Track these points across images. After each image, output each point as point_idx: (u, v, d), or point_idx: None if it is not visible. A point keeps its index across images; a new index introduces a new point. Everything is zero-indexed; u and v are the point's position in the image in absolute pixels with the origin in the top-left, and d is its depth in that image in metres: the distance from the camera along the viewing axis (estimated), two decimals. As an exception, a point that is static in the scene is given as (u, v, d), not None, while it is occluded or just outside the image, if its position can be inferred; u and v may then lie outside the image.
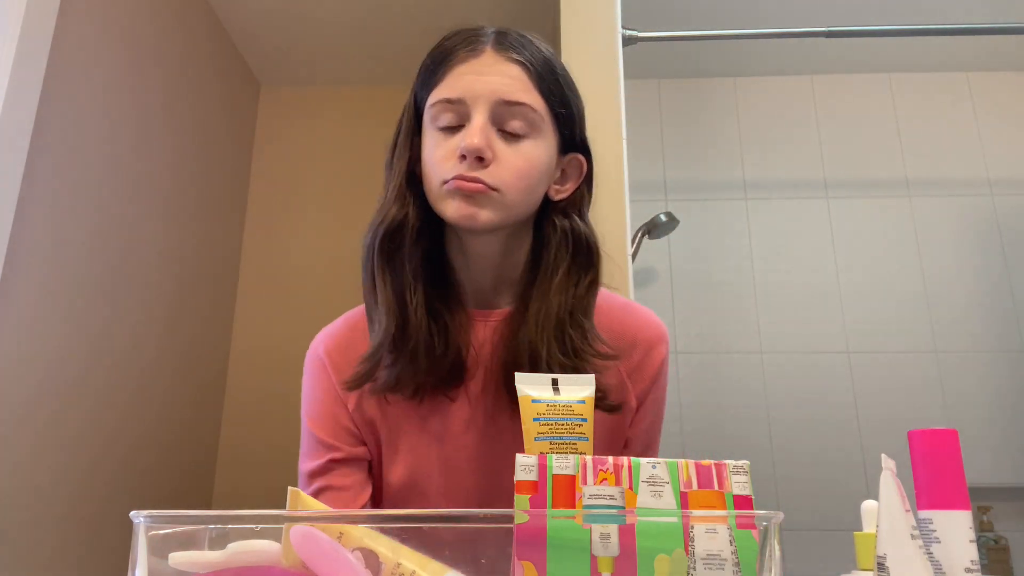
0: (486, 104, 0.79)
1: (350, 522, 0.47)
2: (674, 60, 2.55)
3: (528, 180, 0.81)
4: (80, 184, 1.64)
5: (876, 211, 2.49)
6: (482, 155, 0.78)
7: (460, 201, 0.79)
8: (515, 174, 0.79)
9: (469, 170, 0.78)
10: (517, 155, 0.80)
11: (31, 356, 1.48)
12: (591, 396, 0.58)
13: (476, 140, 0.77)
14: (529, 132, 0.81)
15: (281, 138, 2.63)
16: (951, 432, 0.55)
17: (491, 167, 0.79)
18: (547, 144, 0.83)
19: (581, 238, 0.86)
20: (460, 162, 0.78)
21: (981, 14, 2.20)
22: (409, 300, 0.82)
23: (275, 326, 2.41)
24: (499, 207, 0.79)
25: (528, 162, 0.81)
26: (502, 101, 0.79)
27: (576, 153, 0.88)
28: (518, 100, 0.80)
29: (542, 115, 0.82)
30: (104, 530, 1.66)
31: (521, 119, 0.80)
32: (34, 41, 1.47)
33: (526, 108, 0.80)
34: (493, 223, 0.80)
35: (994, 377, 2.31)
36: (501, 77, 0.80)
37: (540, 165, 0.82)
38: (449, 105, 0.81)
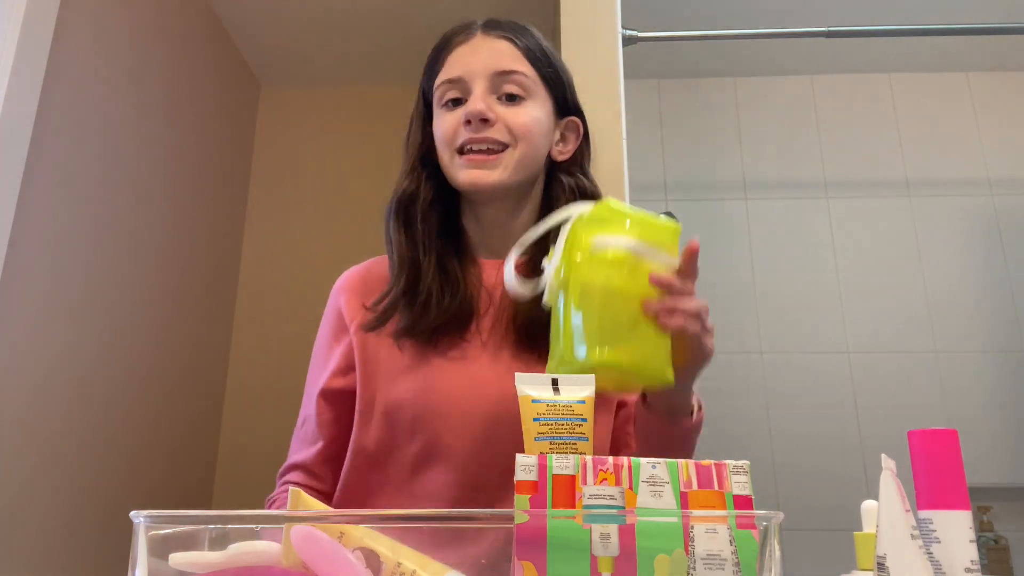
0: (483, 76, 0.90)
1: (350, 522, 0.47)
2: (674, 60, 2.55)
3: (531, 134, 0.90)
4: (80, 184, 1.64)
5: (876, 211, 2.49)
6: (485, 116, 0.88)
7: (470, 170, 0.89)
8: (520, 128, 0.89)
9: (476, 132, 0.88)
10: (518, 113, 0.90)
11: (31, 357, 1.48)
12: (591, 396, 0.58)
13: (478, 105, 0.88)
14: (525, 94, 0.91)
15: (281, 138, 2.63)
16: (951, 432, 0.55)
17: (495, 127, 0.89)
18: (543, 105, 0.93)
19: (587, 193, 0.94)
20: (466, 128, 0.88)
21: (981, 14, 2.20)
22: (421, 259, 0.91)
23: (275, 326, 2.41)
24: (508, 166, 0.89)
25: (529, 117, 0.90)
26: (496, 72, 0.90)
27: (571, 116, 0.98)
28: (510, 68, 0.90)
29: (534, 80, 0.92)
30: (104, 530, 1.66)
31: (515, 84, 0.90)
32: (34, 41, 1.47)
33: (518, 75, 0.91)
34: (503, 183, 0.89)
35: (994, 377, 2.31)
36: (492, 52, 0.91)
37: (540, 122, 0.92)
38: (451, 84, 0.91)
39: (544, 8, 1.98)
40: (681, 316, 0.70)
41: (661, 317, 0.69)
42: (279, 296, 2.46)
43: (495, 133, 0.89)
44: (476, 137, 0.88)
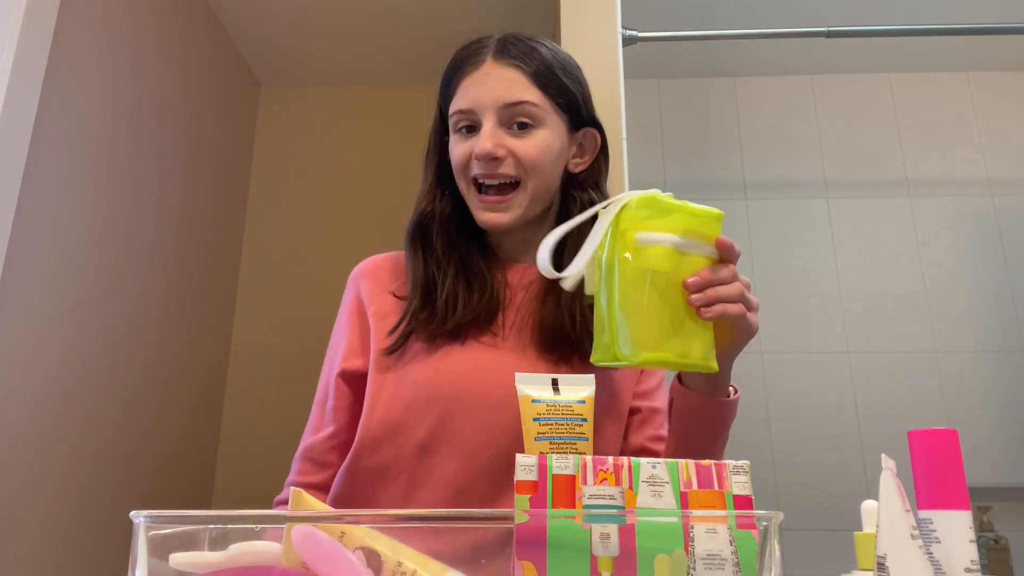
0: (492, 110, 0.92)
1: (351, 522, 0.47)
2: (674, 60, 2.55)
3: (544, 162, 0.93)
4: (80, 184, 1.64)
5: (876, 211, 2.49)
6: (495, 156, 0.90)
7: (485, 212, 0.93)
8: (530, 160, 0.92)
9: (486, 171, 0.91)
10: (528, 144, 0.92)
11: (31, 357, 1.48)
12: (591, 396, 0.58)
13: (487, 145, 0.90)
14: (535, 123, 0.92)
15: (281, 138, 2.63)
16: (951, 432, 0.55)
17: (506, 161, 0.91)
18: (555, 129, 0.94)
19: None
20: (477, 162, 0.92)
21: (981, 14, 2.20)
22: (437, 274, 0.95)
23: (275, 326, 2.41)
24: (522, 204, 0.93)
25: (538, 148, 0.92)
26: (504, 104, 0.91)
27: (588, 128, 0.99)
28: (518, 100, 0.92)
29: (543, 107, 0.93)
30: (104, 530, 1.66)
31: (524, 115, 0.92)
32: (34, 42, 1.47)
33: (527, 105, 0.92)
34: (518, 222, 0.93)
35: (994, 377, 2.31)
36: (500, 82, 0.93)
37: (551, 148, 0.94)
38: (463, 115, 0.94)
39: (544, 8, 1.98)
40: (720, 305, 0.72)
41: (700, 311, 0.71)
42: (279, 296, 2.46)
43: (505, 168, 0.91)
44: (486, 173, 0.92)
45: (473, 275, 0.95)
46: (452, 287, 0.93)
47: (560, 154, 0.96)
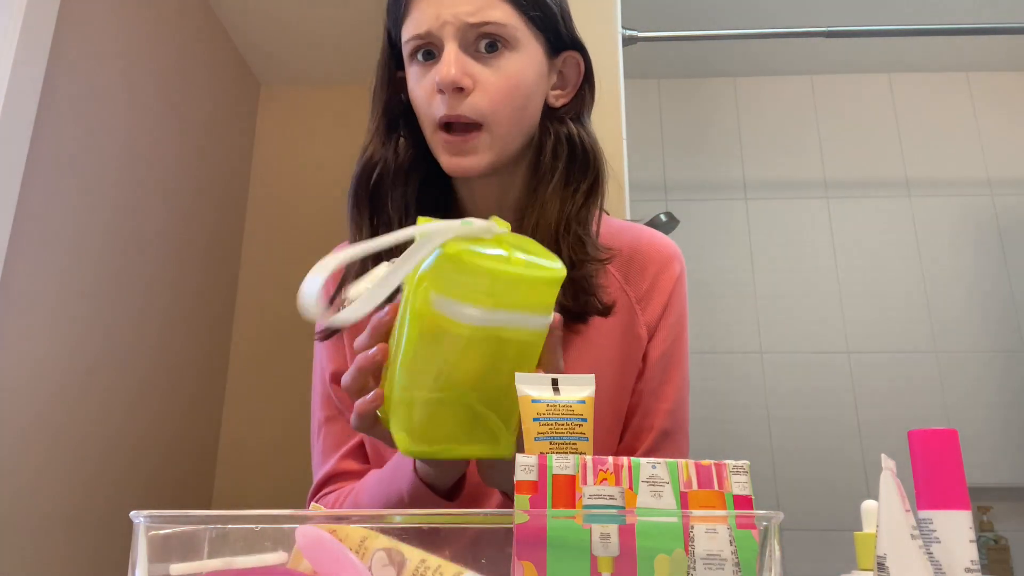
0: (453, 30, 0.76)
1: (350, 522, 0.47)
2: (674, 60, 2.55)
3: (515, 98, 0.77)
4: (79, 184, 1.64)
5: (876, 211, 2.49)
6: (460, 84, 0.74)
7: (451, 156, 0.77)
8: (500, 95, 0.76)
9: (450, 108, 0.75)
10: (498, 75, 0.76)
11: (31, 356, 1.48)
12: (591, 396, 0.58)
13: (449, 72, 0.74)
14: (506, 46, 0.77)
15: (281, 138, 2.63)
16: (951, 432, 0.55)
17: (473, 95, 0.75)
18: (529, 54, 0.79)
19: (577, 142, 0.82)
20: (441, 96, 0.76)
21: (981, 14, 2.20)
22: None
23: (275, 326, 2.41)
24: (490, 144, 0.77)
25: (510, 79, 0.77)
26: (468, 24, 0.75)
27: (569, 52, 0.84)
28: (485, 20, 0.76)
29: (516, 26, 0.77)
30: (104, 530, 1.66)
31: (493, 37, 0.76)
32: (34, 42, 1.47)
33: (495, 25, 0.76)
34: (491, 166, 0.78)
35: (994, 377, 2.31)
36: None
37: (526, 78, 0.78)
38: (420, 39, 0.78)
39: (544, 8, 1.98)
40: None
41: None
42: (279, 296, 2.45)
43: (469, 109, 0.75)
44: (452, 114, 0.75)
45: None
46: None
47: (537, 84, 0.80)
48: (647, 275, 0.85)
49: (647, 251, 0.86)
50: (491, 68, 0.76)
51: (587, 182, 0.81)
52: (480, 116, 0.76)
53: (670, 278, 0.86)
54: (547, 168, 0.81)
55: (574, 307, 0.78)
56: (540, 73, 0.80)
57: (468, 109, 0.75)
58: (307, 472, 0.87)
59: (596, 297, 0.79)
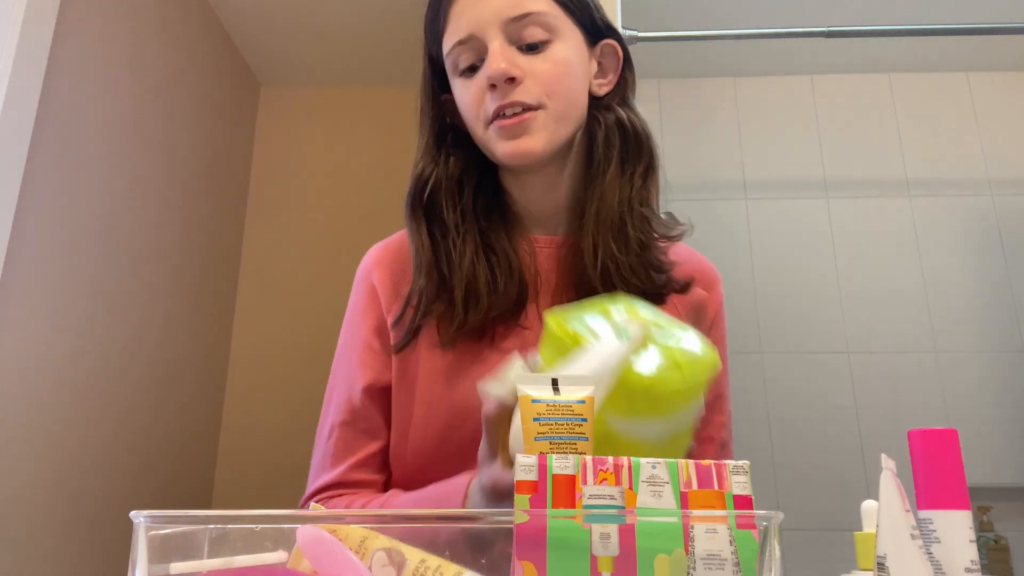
0: (496, 28, 0.76)
1: (350, 522, 0.47)
2: (674, 60, 2.55)
3: (566, 82, 0.78)
4: (80, 184, 1.64)
5: (876, 211, 2.49)
6: (511, 75, 0.75)
7: (507, 140, 0.77)
8: (551, 80, 0.77)
9: (504, 97, 0.75)
10: (546, 62, 0.77)
11: (31, 356, 1.48)
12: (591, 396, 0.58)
13: (500, 64, 0.75)
14: (549, 37, 0.78)
15: (281, 138, 2.63)
16: (951, 432, 0.55)
17: (524, 84, 0.76)
18: (573, 42, 0.80)
19: (628, 126, 0.82)
20: (492, 93, 0.76)
21: (981, 14, 2.20)
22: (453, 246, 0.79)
23: (275, 326, 2.41)
24: (547, 126, 0.77)
25: (559, 65, 0.78)
26: (510, 19, 0.76)
27: (606, 39, 0.85)
28: (525, 11, 0.77)
29: (555, 15, 0.78)
30: (104, 530, 1.66)
31: (536, 27, 0.77)
32: (34, 42, 1.47)
33: (535, 15, 0.77)
34: (548, 148, 0.77)
35: (994, 377, 2.31)
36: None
37: (573, 64, 0.79)
38: (462, 46, 0.78)
39: (544, 8, 1.98)
40: None
41: None
42: (279, 296, 2.46)
43: (525, 95, 0.75)
44: (506, 103, 0.75)
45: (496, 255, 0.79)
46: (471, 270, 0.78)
47: (583, 72, 0.81)
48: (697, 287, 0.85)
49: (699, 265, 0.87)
50: (539, 59, 0.77)
51: (643, 164, 0.82)
52: (535, 99, 0.76)
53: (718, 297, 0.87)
54: (601, 158, 0.81)
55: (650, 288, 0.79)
56: (584, 60, 0.81)
57: (521, 94, 0.75)
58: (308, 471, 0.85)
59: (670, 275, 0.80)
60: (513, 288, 0.79)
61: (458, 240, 0.79)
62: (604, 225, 0.79)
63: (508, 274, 0.79)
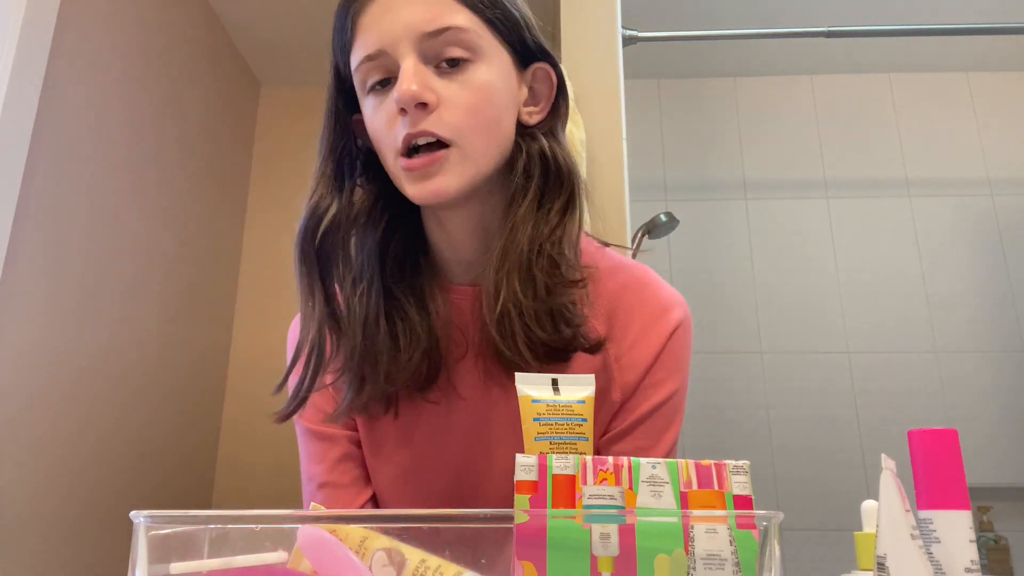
0: (409, 43, 0.66)
1: (352, 523, 0.47)
2: (674, 60, 2.55)
3: (486, 111, 0.68)
4: (80, 184, 1.64)
5: (876, 211, 2.49)
6: (422, 99, 0.65)
7: (418, 181, 0.67)
8: (468, 111, 0.66)
9: (414, 125, 0.65)
10: (464, 88, 0.67)
11: (31, 356, 1.48)
12: (591, 396, 0.58)
13: (410, 87, 0.64)
14: (471, 55, 0.67)
15: (281, 138, 2.63)
16: (951, 432, 0.55)
17: (438, 112, 0.66)
18: (497, 63, 0.69)
19: (549, 157, 0.72)
20: (403, 117, 0.66)
21: (981, 14, 2.20)
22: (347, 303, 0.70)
23: (275, 326, 2.41)
24: (462, 163, 0.67)
25: (479, 91, 0.67)
26: (424, 34, 0.66)
27: (538, 63, 0.74)
28: (442, 26, 0.66)
29: (478, 32, 0.68)
30: (104, 530, 1.66)
31: (454, 45, 0.67)
32: (34, 41, 1.47)
33: (455, 31, 0.66)
34: (463, 188, 0.67)
35: (994, 377, 2.31)
36: (414, 7, 0.66)
37: (496, 90, 0.69)
38: (371, 62, 0.68)
39: (544, 8, 1.98)
40: None
41: None
42: (279, 296, 2.45)
43: (438, 127, 0.65)
44: (416, 132, 0.65)
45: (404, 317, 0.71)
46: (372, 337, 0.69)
47: (508, 98, 0.70)
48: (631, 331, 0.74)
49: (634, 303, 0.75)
50: (457, 83, 0.67)
51: (561, 200, 0.71)
52: (448, 133, 0.66)
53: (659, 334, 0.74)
54: (519, 188, 0.71)
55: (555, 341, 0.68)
56: (510, 86, 0.71)
57: (434, 125, 0.65)
58: None
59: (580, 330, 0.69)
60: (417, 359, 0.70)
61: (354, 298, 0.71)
62: (510, 262, 0.68)
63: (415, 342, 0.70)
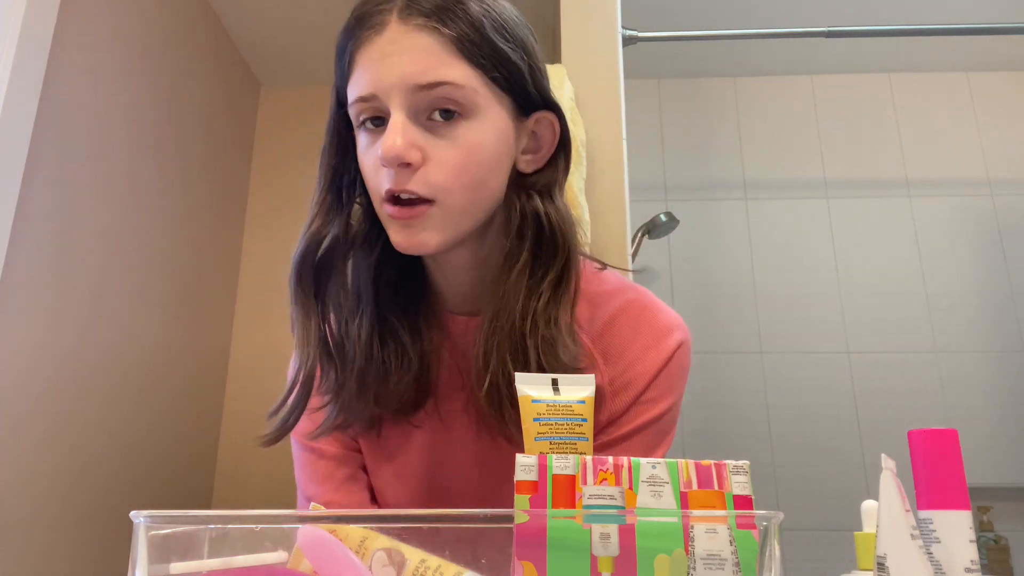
0: (400, 95, 0.65)
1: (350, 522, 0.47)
2: (674, 60, 2.55)
3: (472, 173, 0.67)
4: (80, 184, 1.64)
5: (876, 211, 2.49)
6: (406, 160, 0.65)
7: (400, 229, 0.67)
8: (452, 172, 0.66)
9: (396, 183, 0.65)
10: (452, 148, 0.66)
11: (31, 356, 1.48)
12: (591, 396, 0.58)
13: (395, 144, 0.64)
14: (462, 111, 0.66)
15: (281, 138, 2.63)
16: (951, 432, 0.55)
17: (423, 170, 0.65)
18: (492, 118, 0.68)
19: (544, 223, 0.70)
20: (388, 170, 0.67)
21: (981, 14, 2.20)
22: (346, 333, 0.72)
23: (275, 326, 2.41)
24: (443, 221, 0.67)
25: (468, 151, 0.66)
26: (417, 86, 0.65)
27: (543, 112, 0.73)
28: (436, 80, 0.65)
29: (474, 87, 0.66)
30: (104, 530, 1.66)
31: (447, 99, 0.66)
32: (34, 41, 1.47)
33: (448, 87, 0.65)
34: (444, 244, 0.67)
35: (994, 377, 2.31)
36: (410, 56, 0.65)
37: (486, 150, 0.68)
38: (364, 103, 0.69)
39: (544, 8, 1.98)
40: None
41: None
42: (279, 296, 2.45)
43: (420, 186, 0.65)
44: (397, 189, 0.66)
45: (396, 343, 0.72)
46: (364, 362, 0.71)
47: (501, 153, 0.69)
48: (628, 353, 0.74)
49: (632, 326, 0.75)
50: (446, 140, 0.66)
51: (554, 271, 0.70)
52: (430, 192, 0.66)
53: (659, 354, 0.74)
54: (513, 250, 0.70)
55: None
56: (505, 141, 0.70)
57: (416, 185, 0.65)
58: None
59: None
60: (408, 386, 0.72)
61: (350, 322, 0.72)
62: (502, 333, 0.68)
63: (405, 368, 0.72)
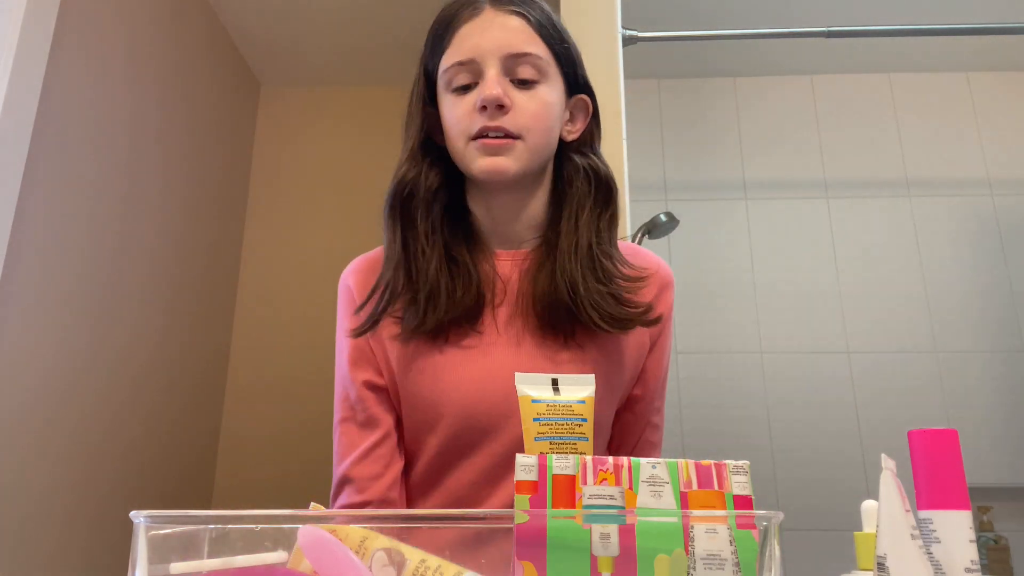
0: (495, 59, 0.84)
1: (350, 522, 0.47)
2: (674, 60, 2.55)
3: (546, 121, 0.86)
4: (80, 184, 1.64)
5: (876, 211, 2.49)
6: (502, 103, 0.83)
7: (487, 157, 0.84)
8: (533, 118, 0.85)
9: (491, 120, 0.83)
10: (532, 100, 0.85)
11: (31, 355, 1.48)
12: (591, 396, 0.58)
13: (495, 90, 0.82)
14: (539, 78, 0.86)
15: (281, 138, 2.63)
16: (951, 432, 0.55)
17: (511, 114, 0.84)
18: (556, 87, 0.89)
19: (601, 175, 0.92)
20: (481, 113, 0.84)
21: (981, 14, 2.20)
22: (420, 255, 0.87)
23: (275, 326, 2.41)
24: (523, 154, 0.85)
25: (543, 105, 0.86)
26: (510, 54, 0.85)
27: (580, 94, 0.94)
28: (524, 51, 0.85)
29: (547, 60, 0.87)
30: (104, 530, 1.66)
31: (530, 67, 0.85)
32: (34, 41, 1.47)
33: (532, 57, 0.85)
34: (520, 172, 0.85)
35: (994, 377, 2.31)
36: (504, 31, 0.85)
37: (554, 107, 0.88)
38: (461, 67, 0.86)
39: (544, 8, 1.98)
40: None
41: None
42: (279, 296, 2.45)
43: (510, 124, 0.84)
44: (492, 125, 0.83)
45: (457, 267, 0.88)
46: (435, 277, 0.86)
47: (558, 115, 0.90)
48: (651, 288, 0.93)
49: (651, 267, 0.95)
50: (527, 95, 0.85)
51: (609, 211, 0.92)
52: (517, 130, 0.84)
53: (670, 298, 0.95)
54: (580, 194, 0.90)
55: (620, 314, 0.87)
56: (561, 106, 0.90)
57: (507, 123, 0.84)
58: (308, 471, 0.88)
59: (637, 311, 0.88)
60: (470, 297, 0.88)
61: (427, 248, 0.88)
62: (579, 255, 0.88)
63: (467, 284, 0.88)
